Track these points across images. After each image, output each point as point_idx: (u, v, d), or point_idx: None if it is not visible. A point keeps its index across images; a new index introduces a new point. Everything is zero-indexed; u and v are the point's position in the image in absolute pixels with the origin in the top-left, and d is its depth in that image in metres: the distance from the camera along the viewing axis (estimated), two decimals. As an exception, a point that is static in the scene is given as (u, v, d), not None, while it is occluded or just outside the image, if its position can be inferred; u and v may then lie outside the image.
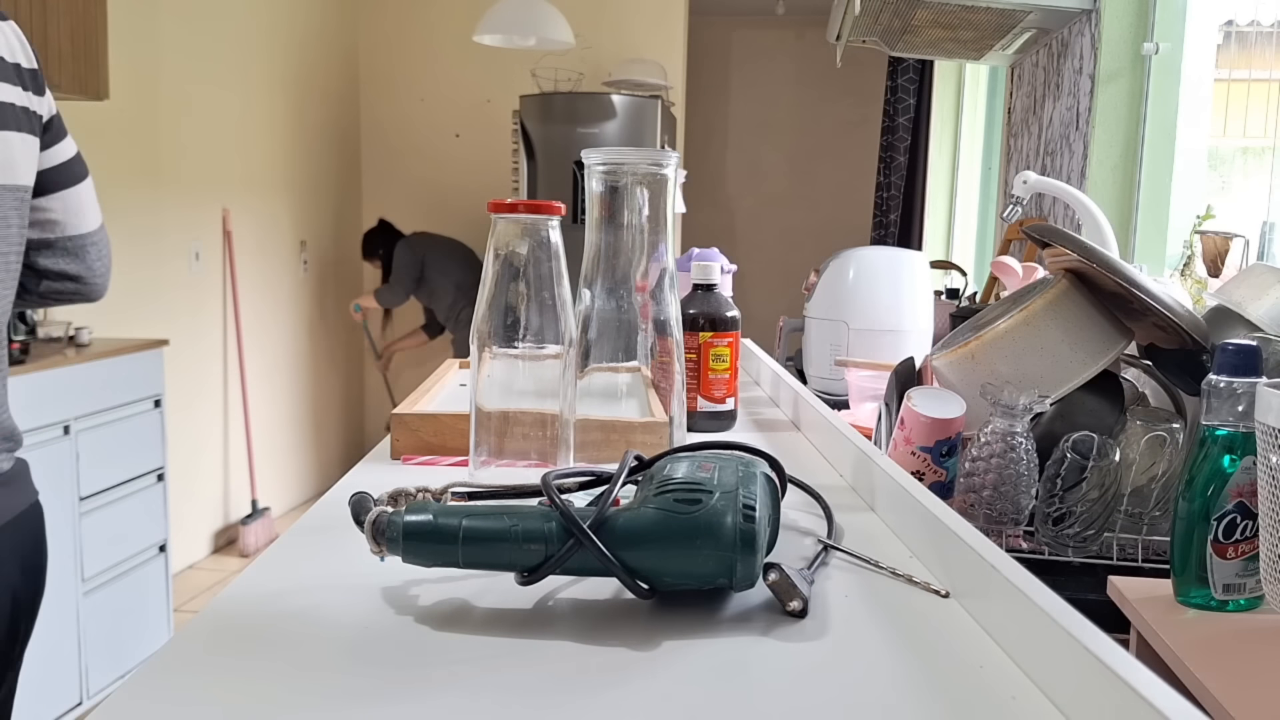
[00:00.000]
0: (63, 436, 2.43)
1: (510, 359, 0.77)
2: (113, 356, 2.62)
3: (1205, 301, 1.50)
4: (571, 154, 4.18)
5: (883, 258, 1.89)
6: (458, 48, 4.95)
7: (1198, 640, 0.75)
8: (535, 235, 0.77)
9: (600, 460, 0.84)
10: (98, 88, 2.70)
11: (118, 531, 2.64)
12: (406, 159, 5.08)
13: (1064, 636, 0.46)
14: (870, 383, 1.52)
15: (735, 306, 1.13)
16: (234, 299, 4.01)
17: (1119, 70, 2.16)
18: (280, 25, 4.34)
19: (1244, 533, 0.77)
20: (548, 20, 3.42)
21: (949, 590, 0.61)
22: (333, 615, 0.56)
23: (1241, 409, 0.76)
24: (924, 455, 1.02)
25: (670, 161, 0.82)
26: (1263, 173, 2.04)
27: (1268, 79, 2.05)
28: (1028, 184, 1.76)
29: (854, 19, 2.32)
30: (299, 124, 4.51)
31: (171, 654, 0.51)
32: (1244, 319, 1.03)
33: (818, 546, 0.69)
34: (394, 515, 0.57)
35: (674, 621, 0.56)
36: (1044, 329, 1.03)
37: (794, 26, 5.90)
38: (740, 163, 6.13)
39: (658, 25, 4.90)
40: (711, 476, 0.59)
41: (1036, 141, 2.63)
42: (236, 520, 4.03)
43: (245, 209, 4.10)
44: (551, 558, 0.56)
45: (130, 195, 3.38)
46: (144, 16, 3.42)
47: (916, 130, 4.50)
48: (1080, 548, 0.96)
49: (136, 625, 2.75)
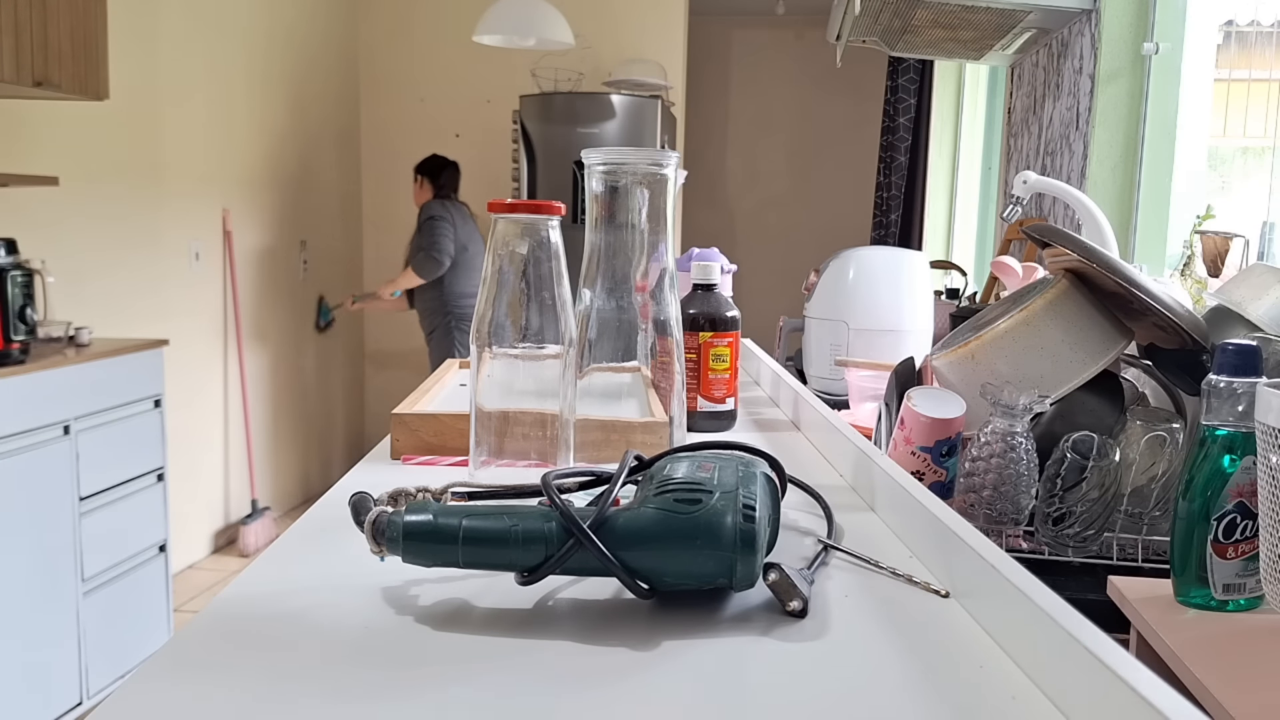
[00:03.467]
0: (63, 436, 2.43)
1: (510, 359, 0.77)
2: (113, 356, 2.62)
3: (1205, 301, 1.50)
4: (571, 154, 4.18)
5: (883, 258, 1.89)
6: (458, 48, 4.95)
7: (1198, 640, 0.75)
8: (535, 235, 0.77)
9: (600, 460, 0.84)
10: (98, 88, 2.70)
11: (118, 531, 2.64)
12: (406, 159, 5.08)
13: (1064, 636, 0.46)
14: (870, 383, 1.52)
15: (735, 306, 1.13)
16: (234, 299, 4.01)
17: (1119, 70, 2.16)
18: (280, 25, 4.33)
19: (1244, 533, 0.77)
20: (548, 20, 3.42)
21: (949, 590, 0.61)
22: (333, 615, 0.56)
23: (1241, 409, 0.76)
24: (924, 455, 1.02)
25: (670, 161, 0.82)
26: (1263, 173, 2.04)
27: (1268, 79, 2.05)
28: (1028, 184, 1.76)
29: (854, 19, 2.32)
30: (299, 124, 4.51)
31: (171, 654, 0.51)
32: (1244, 319, 1.03)
33: (818, 546, 0.69)
34: (394, 515, 0.57)
35: (674, 621, 0.56)
36: (1044, 329, 1.03)
37: (794, 26, 5.90)
38: (740, 163, 6.13)
39: (658, 25, 4.90)
40: (711, 476, 0.59)
41: (1036, 141, 2.63)
42: (236, 520, 4.03)
43: (245, 209, 4.10)
44: (551, 558, 0.56)
45: (130, 195, 3.38)
46: (144, 16, 3.42)
47: (917, 130, 4.50)
48: (1080, 548, 0.96)
49: (136, 625, 2.75)
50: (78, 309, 3.10)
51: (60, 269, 2.97)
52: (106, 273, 3.26)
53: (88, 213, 3.17)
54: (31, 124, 2.91)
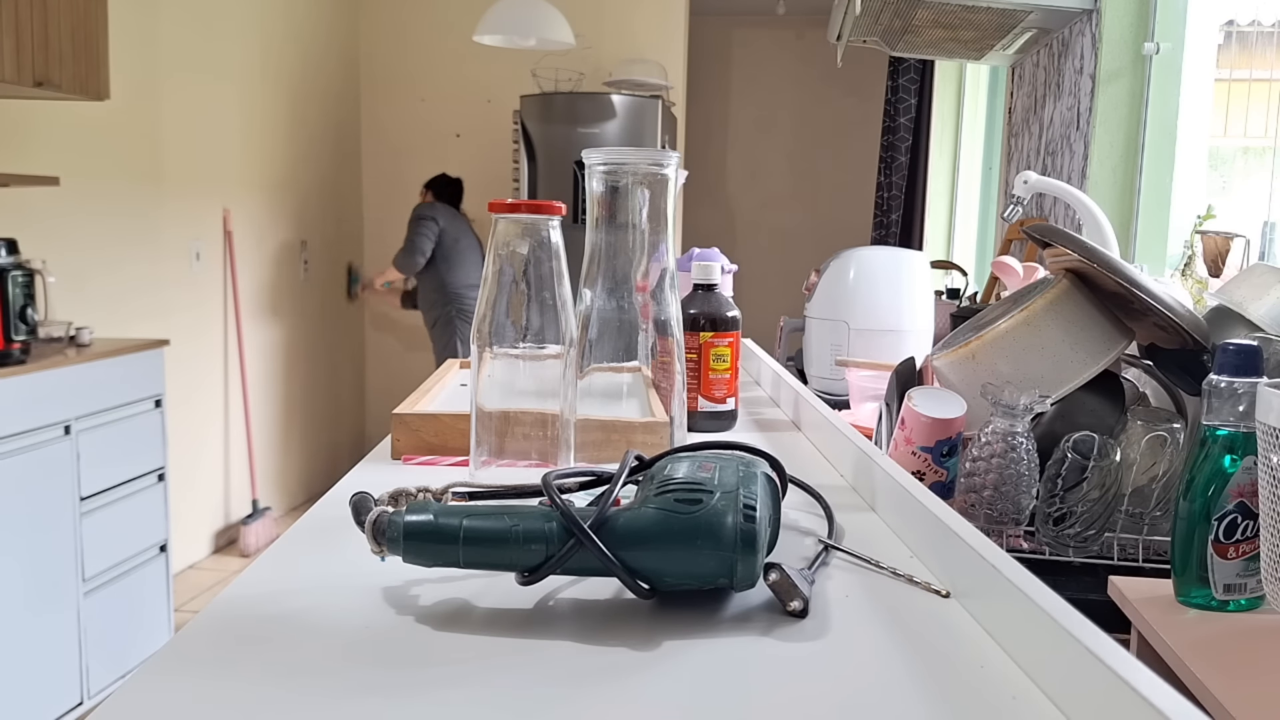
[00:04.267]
0: (63, 436, 2.43)
1: (511, 359, 0.77)
2: (113, 356, 2.62)
3: (1206, 301, 1.50)
4: (572, 154, 4.18)
5: (883, 258, 1.89)
6: (458, 48, 4.95)
7: (1198, 640, 0.75)
8: (535, 235, 0.77)
9: (600, 460, 0.84)
10: (98, 88, 2.70)
11: (118, 531, 2.64)
12: (406, 159, 5.08)
13: (1064, 636, 0.46)
14: (871, 383, 1.52)
15: (735, 306, 1.13)
16: (234, 299, 4.01)
17: (1119, 70, 2.16)
18: (280, 25, 4.33)
19: (1245, 533, 0.77)
20: (548, 20, 3.42)
21: (949, 590, 0.61)
22: (333, 615, 0.56)
23: (1242, 409, 0.76)
24: (924, 455, 1.02)
25: (671, 161, 0.82)
26: (1263, 173, 2.04)
27: (1268, 79, 2.05)
28: (1028, 184, 1.76)
29: (854, 19, 2.32)
30: (299, 124, 4.51)
31: (171, 654, 0.51)
32: (1245, 319, 1.03)
33: (818, 546, 0.69)
34: (394, 515, 0.57)
35: (674, 621, 0.56)
36: (1044, 329, 1.03)
37: (794, 26, 5.90)
38: (740, 163, 6.13)
39: (658, 25, 4.90)
40: (712, 476, 0.59)
41: (1037, 141, 2.63)
42: (237, 520, 4.03)
43: (245, 209, 4.10)
44: (552, 558, 0.56)
45: (130, 195, 3.38)
46: (144, 16, 3.42)
47: (917, 130, 4.50)
48: (1081, 548, 0.96)
49: (136, 625, 2.75)
50: (78, 309, 3.10)
51: (61, 269, 2.97)
52: (107, 272, 3.26)
53: (88, 212, 3.17)
54: (31, 124, 2.91)
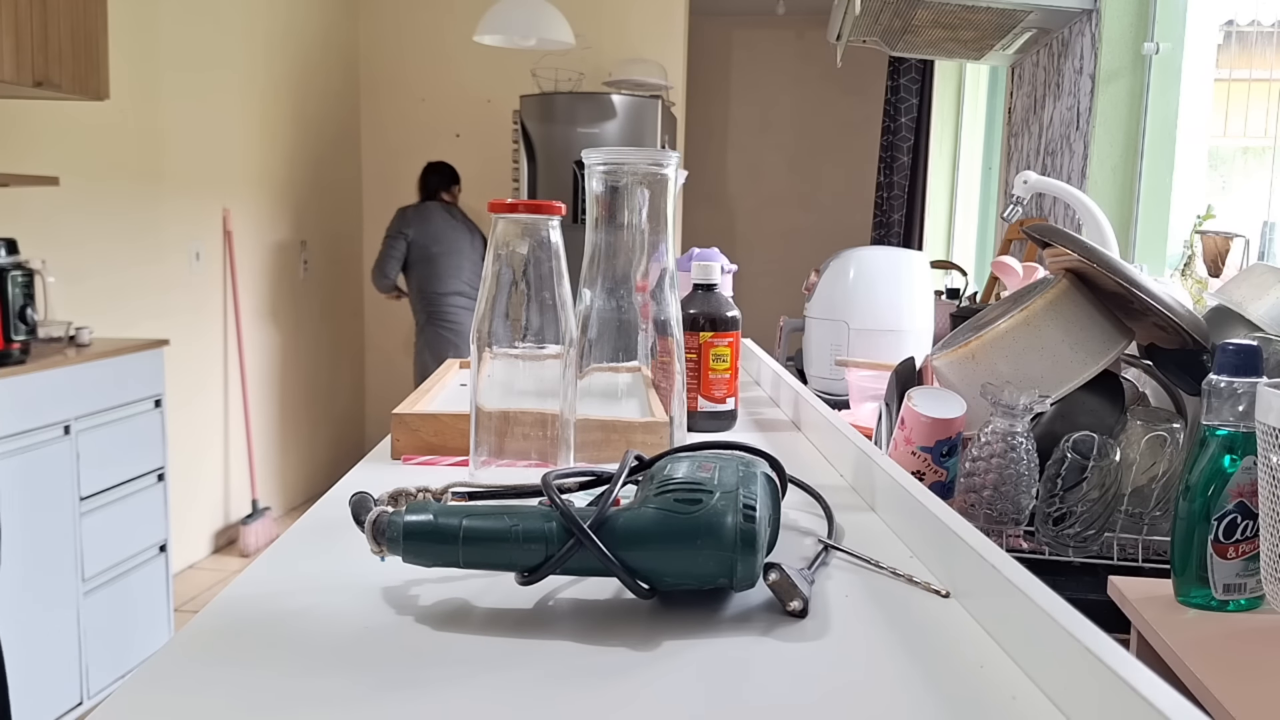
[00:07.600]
0: (63, 436, 2.43)
1: (510, 359, 0.77)
2: (113, 356, 2.62)
3: (1205, 301, 1.50)
4: (571, 154, 4.18)
5: (883, 258, 1.89)
6: (458, 48, 4.95)
7: (1198, 640, 0.75)
8: (535, 235, 0.77)
9: (600, 460, 0.84)
10: (98, 88, 2.70)
11: (118, 531, 2.64)
12: (406, 159, 5.07)
13: (1064, 636, 0.46)
14: (870, 383, 1.52)
15: (735, 306, 1.13)
16: (234, 299, 4.01)
17: (1119, 70, 2.16)
18: (280, 25, 4.33)
19: (1244, 533, 0.77)
20: (548, 20, 3.42)
21: (949, 590, 0.61)
22: (333, 615, 0.56)
23: (1242, 409, 0.76)
24: (924, 455, 1.02)
25: (670, 161, 0.82)
26: (1263, 172, 2.04)
27: (1268, 79, 2.05)
28: (1028, 184, 1.76)
29: (854, 19, 2.32)
30: (299, 124, 4.51)
31: (171, 654, 0.51)
32: (1244, 319, 1.03)
33: (818, 546, 0.69)
34: (394, 515, 0.57)
35: (674, 621, 0.56)
36: (1044, 329, 1.03)
37: (794, 26, 5.90)
38: (740, 163, 6.13)
39: (658, 25, 4.90)
40: (712, 476, 0.59)
41: (1037, 141, 2.63)
42: (237, 520, 4.03)
43: (245, 209, 4.10)
44: (552, 558, 0.56)
45: (130, 195, 3.38)
46: (144, 16, 3.42)
47: (918, 130, 4.50)
48: (1080, 548, 0.96)
49: (136, 625, 2.75)
50: (78, 309, 3.10)
51: (60, 269, 2.97)
52: (107, 272, 3.26)
53: (88, 212, 3.17)
54: (31, 124, 2.91)
